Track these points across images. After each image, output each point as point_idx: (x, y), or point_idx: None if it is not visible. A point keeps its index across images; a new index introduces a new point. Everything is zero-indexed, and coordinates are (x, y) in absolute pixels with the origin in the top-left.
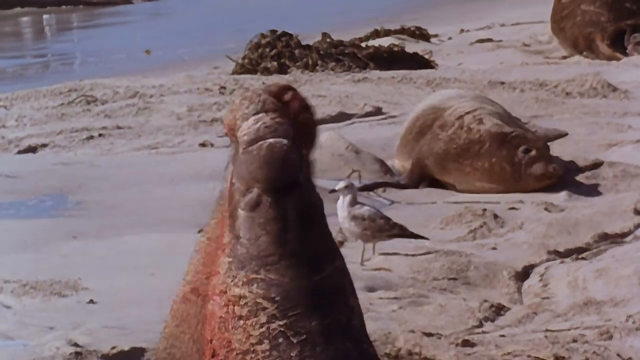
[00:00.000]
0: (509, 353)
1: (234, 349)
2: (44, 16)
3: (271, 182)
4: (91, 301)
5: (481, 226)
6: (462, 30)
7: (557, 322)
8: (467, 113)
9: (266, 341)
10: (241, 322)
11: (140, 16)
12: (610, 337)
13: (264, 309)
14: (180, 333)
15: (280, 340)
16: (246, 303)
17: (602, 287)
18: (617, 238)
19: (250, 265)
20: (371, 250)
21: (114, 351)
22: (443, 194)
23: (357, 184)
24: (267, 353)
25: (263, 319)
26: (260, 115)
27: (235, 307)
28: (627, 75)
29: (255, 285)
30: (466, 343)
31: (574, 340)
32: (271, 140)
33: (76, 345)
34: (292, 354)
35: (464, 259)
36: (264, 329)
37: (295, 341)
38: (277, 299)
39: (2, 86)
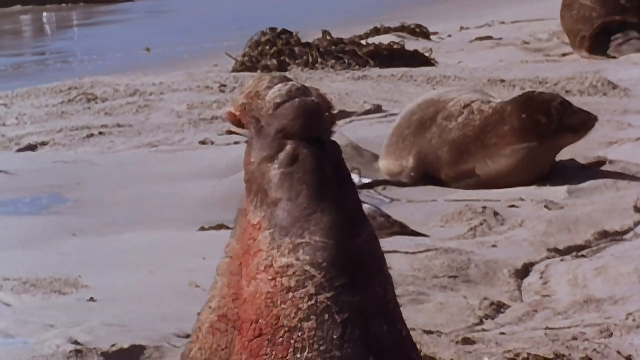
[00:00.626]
0: (509, 351)
1: (283, 326)
2: (44, 14)
3: (307, 133)
4: (91, 299)
5: (481, 224)
6: (462, 28)
7: (558, 320)
8: (473, 102)
9: (313, 317)
10: (290, 294)
11: (140, 14)
12: (611, 335)
13: (312, 277)
14: None
15: (326, 317)
16: (294, 273)
17: (602, 285)
18: (618, 236)
19: (294, 229)
20: None
21: (114, 349)
22: (443, 191)
23: (357, 181)
24: (313, 333)
25: (312, 289)
26: (284, 83)
27: (284, 279)
28: (627, 73)
29: (301, 251)
30: (466, 341)
31: (575, 338)
32: (301, 98)
33: (76, 343)
34: (334, 336)
35: (464, 257)
36: (312, 301)
37: (339, 320)
38: (324, 265)
39: (2, 84)
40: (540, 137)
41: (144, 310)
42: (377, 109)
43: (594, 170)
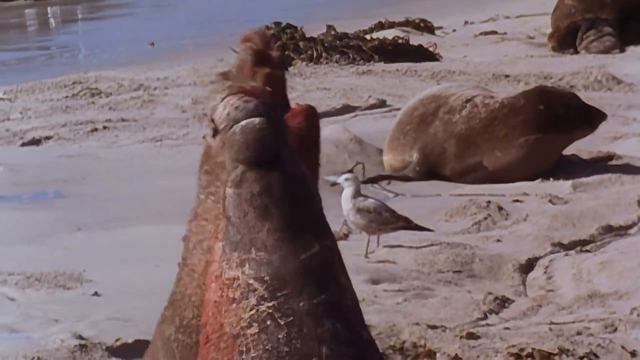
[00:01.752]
0: (513, 345)
1: (226, 332)
2: (48, 8)
3: (252, 162)
4: (96, 293)
5: (485, 218)
6: (466, 23)
7: (562, 315)
8: (475, 96)
9: (255, 324)
10: (233, 305)
11: (144, 8)
12: (615, 330)
13: (255, 290)
14: None
15: (269, 322)
16: (239, 285)
17: (606, 279)
18: (622, 230)
19: (242, 245)
20: (375, 242)
21: (119, 343)
22: (447, 186)
23: (360, 176)
24: (256, 337)
25: (253, 301)
26: (227, 99)
27: (229, 290)
28: (631, 67)
29: (247, 265)
30: (471, 336)
31: (579, 333)
32: (242, 123)
33: (81, 337)
34: (279, 337)
35: (468, 251)
36: (253, 311)
37: (282, 323)
38: (266, 278)
39: (7, 79)
40: (557, 129)
41: (149, 305)
42: (382, 104)
43: (599, 164)
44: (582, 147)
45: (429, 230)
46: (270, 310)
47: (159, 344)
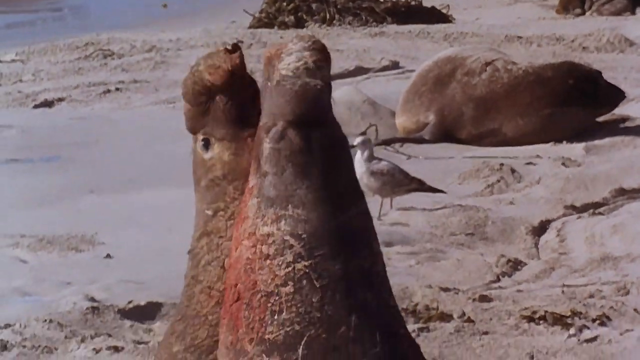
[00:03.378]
0: (526, 308)
1: (259, 290)
2: None
3: (297, 117)
4: (108, 256)
5: (498, 181)
6: None
7: (574, 278)
8: (495, 59)
9: (290, 283)
10: (267, 261)
11: None
12: (627, 293)
13: (291, 246)
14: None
15: (304, 282)
16: (274, 241)
17: (618, 242)
18: (634, 193)
19: (278, 201)
20: (389, 205)
21: (131, 306)
22: (460, 148)
23: (373, 138)
24: (290, 297)
25: (289, 257)
26: (305, 53)
27: (263, 247)
28: None
29: (283, 221)
30: (483, 298)
31: (591, 296)
32: (306, 79)
33: (93, 300)
34: (313, 300)
35: (481, 214)
36: (289, 268)
37: (318, 285)
38: (303, 236)
39: (19, 40)
40: (582, 104)
41: (161, 268)
42: (394, 65)
43: (611, 127)
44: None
45: (441, 192)
46: (307, 270)
47: (164, 356)
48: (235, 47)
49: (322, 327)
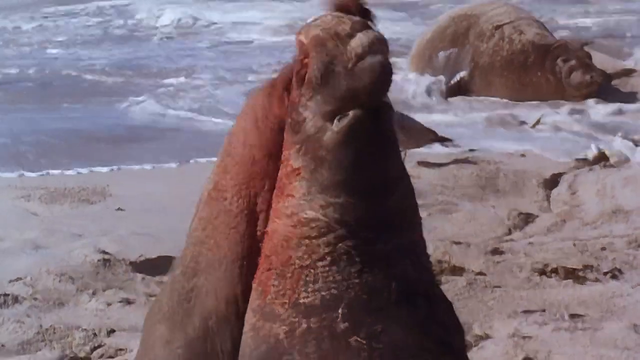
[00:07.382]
0: (537, 262)
1: (294, 264)
2: None
3: (376, 99)
4: (119, 209)
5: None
6: None
7: (586, 231)
8: (506, 24)
9: (329, 258)
10: (306, 241)
11: None
12: (639, 246)
13: (334, 230)
14: (205, 237)
15: (345, 257)
16: (317, 226)
17: (630, 195)
18: None
19: (331, 188)
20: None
21: (142, 259)
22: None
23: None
24: (327, 268)
25: (331, 240)
26: (368, 32)
27: (304, 229)
28: None
29: (331, 208)
30: (495, 251)
31: (603, 249)
32: (380, 58)
33: (104, 252)
34: (352, 270)
35: (492, 166)
36: (329, 248)
37: (357, 260)
38: (350, 222)
39: None
40: (552, 96)
41: (173, 221)
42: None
43: (623, 79)
44: (603, 61)
45: (449, 140)
46: (348, 249)
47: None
48: None
49: (362, 291)
